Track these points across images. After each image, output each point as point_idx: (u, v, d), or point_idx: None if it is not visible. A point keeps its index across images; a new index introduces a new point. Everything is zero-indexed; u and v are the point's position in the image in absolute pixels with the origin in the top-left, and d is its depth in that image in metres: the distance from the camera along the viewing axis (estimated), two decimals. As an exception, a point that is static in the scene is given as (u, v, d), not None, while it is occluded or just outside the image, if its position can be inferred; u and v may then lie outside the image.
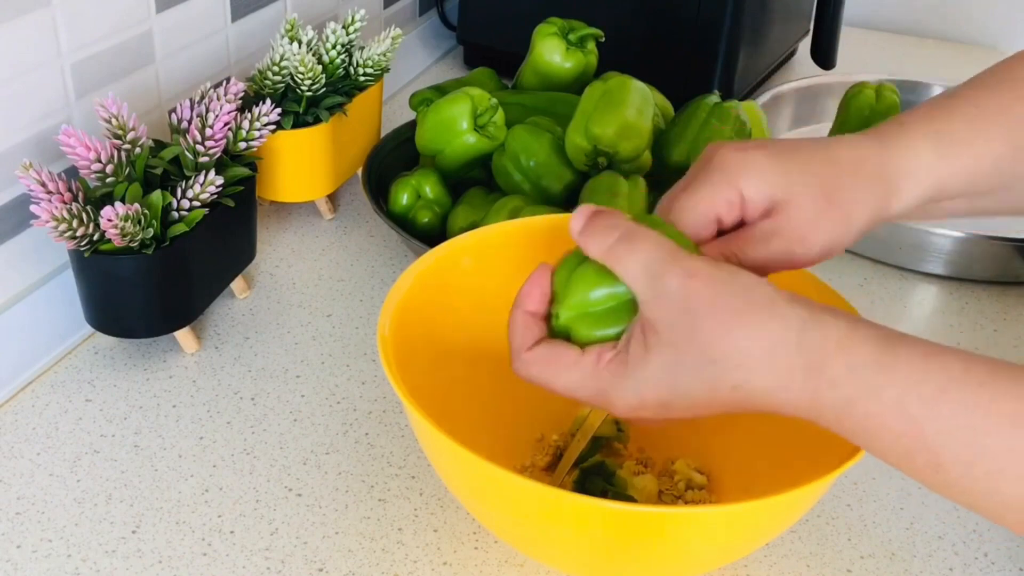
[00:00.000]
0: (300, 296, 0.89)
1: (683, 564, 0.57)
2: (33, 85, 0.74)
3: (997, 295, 0.94)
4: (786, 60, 1.38)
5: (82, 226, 0.71)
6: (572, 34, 0.99)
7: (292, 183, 0.95)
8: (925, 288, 0.95)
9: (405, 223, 0.90)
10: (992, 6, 1.55)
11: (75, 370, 0.79)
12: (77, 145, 0.72)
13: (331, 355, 0.82)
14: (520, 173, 0.88)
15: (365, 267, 0.94)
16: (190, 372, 0.79)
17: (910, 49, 1.52)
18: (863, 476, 0.72)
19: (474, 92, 0.90)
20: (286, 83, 0.91)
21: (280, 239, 0.97)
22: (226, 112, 0.78)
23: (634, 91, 0.87)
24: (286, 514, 0.67)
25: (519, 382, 0.58)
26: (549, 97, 0.97)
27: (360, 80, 0.96)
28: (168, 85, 0.88)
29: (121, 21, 0.81)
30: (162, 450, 0.72)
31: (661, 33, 1.18)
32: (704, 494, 0.67)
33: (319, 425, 0.75)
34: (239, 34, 0.96)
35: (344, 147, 0.97)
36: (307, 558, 0.64)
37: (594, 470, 0.67)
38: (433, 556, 0.65)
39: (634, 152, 0.85)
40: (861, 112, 1.05)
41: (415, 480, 0.70)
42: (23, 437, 0.72)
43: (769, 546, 0.66)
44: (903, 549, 0.67)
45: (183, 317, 0.80)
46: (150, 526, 0.66)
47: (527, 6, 1.18)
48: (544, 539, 0.57)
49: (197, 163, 0.78)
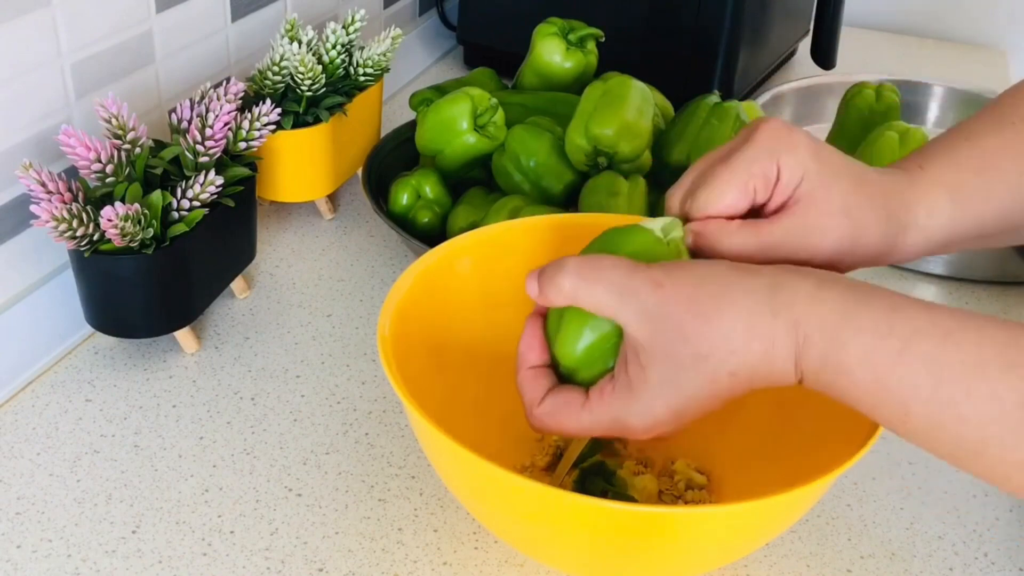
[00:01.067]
0: (300, 296, 0.89)
1: (683, 564, 0.57)
2: (33, 85, 0.74)
3: (997, 295, 0.94)
4: (786, 60, 1.38)
5: (82, 226, 0.71)
6: (572, 34, 0.99)
7: (292, 183, 0.95)
8: (925, 288, 0.95)
9: (405, 223, 0.90)
10: (992, 6, 1.55)
11: (75, 370, 0.79)
12: (77, 145, 0.72)
13: (331, 355, 0.82)
14: (520, 173, 0.88)
15: (365, 267, 0.94)
16: (190, 372, 0.79)
17: (910, 49, 1.52)
18: (863, 476, 0.72)
19: (474, 92, 0.90)
20: (286, 83, 0.91)
21: (280, 239, 0.97)
22: (226, 112, 0.78)
23: (634, 91, 0.87)
24: (286, 514, 0.67)
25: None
26: (549, 97, 0.97)
27: (360, 80, 0.96)
28: (168, 85, 0.88)
29: (121, 21, 0.81)
30: (162, 450, 0.72)
31: (661, 33, 1.18)
32: (704, 494, 0.67)
33: (319, 425, 0.75)
34: (239, 34, 0.96)
35: (344, 147, 0.97)
36: (307, 558, 0.64)
37: (594, 470, 0.67)
38: (433, 556, 0.65)
39: (634, 152, 0.85)
40: (861, 112, 1.05)
41: (415, 480, 0.70)
42: (23, 437, 0.72)
43: (769, 546, 0.66)
44: (903, 549, 0.67)
45: (183, 317, 0.80)
46: (150, 526, 0.66)
47: (527, 6, 1.18)
48: (544, 539, 0.57)
49: (197, 163, 0.78)
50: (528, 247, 0.69)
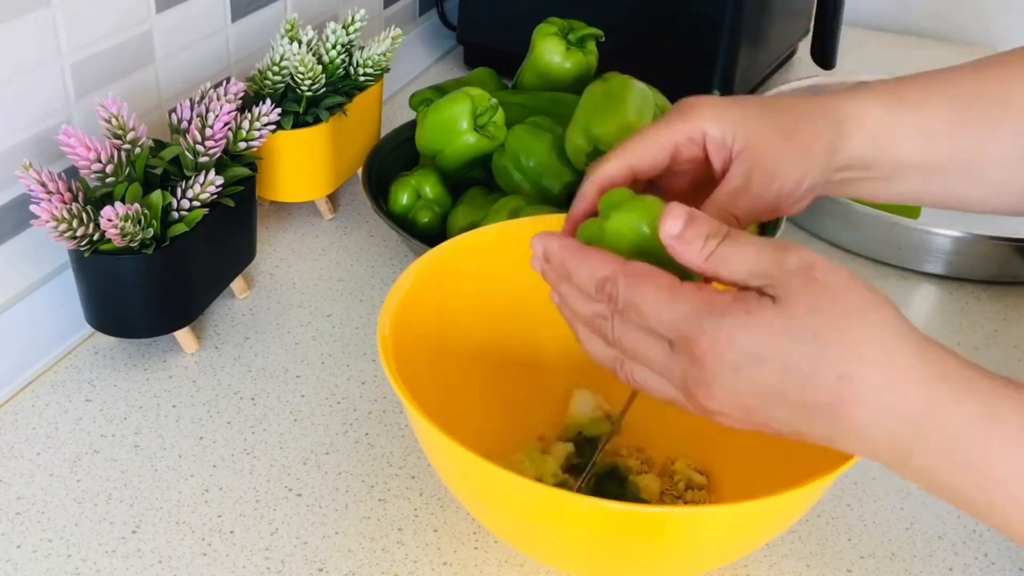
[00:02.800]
0: (300, 296, 0.89)
1: (683, 564, 0.57)
2: (33, 85, 0.74)
3: (997, 295, 0.94)
4: (786, 60, 1.38)
5: (82, 226, 0.71)
6: (572, 34, 0.99)
7: (292, 183, 0.95)
8: (925, 288, 0.95)
9: (405, 223, 0.90)
10: (992, 6, 1.55)
11: (75, 370, 0.79)
12: (77, 145, 0.72)
13: (331, 355, 0.82)
14: (520, 173, 0.88)
15: (365, 267, 0.94)
16: (190, 372, 0.79)
17: (910, 49, 1.52)
18: (863, 476, 0.72)
19: (474, 92, 0.90)
20: (286, 83, 0.91)
21: (280, 239, 0.97)
22: (226, 112, 0.78)
23: (634, 91, 0.87)
24: (286, 514, 0.67)
25: (519, 382, 0.58)
26: (549, 97, 0.97)
27: (360, 80, 0.96)
28: (168, 85, 0.88)
29: (121, 21, 0.81)
30: (162, 450, 0.72)
31: (661, 33, 1.18)
32: (704, 494, 0.67)
33: (319, 425, 0.75)
34: (239, 34, 0.96)
35: (344, 147, 0.97)
36: (307, 558, 0.64)
37: (607, 475, 0.67)
38: (433, 556, 0.65)
39: (634, 152, 0.85)
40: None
41: (415, 480, 0.70)
42: (23, 437, 0.72)
43: (769, 546, 0.66)
44: (903, 549, 0.67)
45: (183, 317, 0.80)
46: (150, 526, 0.66)
47: (527, 6, 1.18)
48: (544, 539, 0.57)
49: (197, 163, 0.78)
50: (528, 247, 0.68)
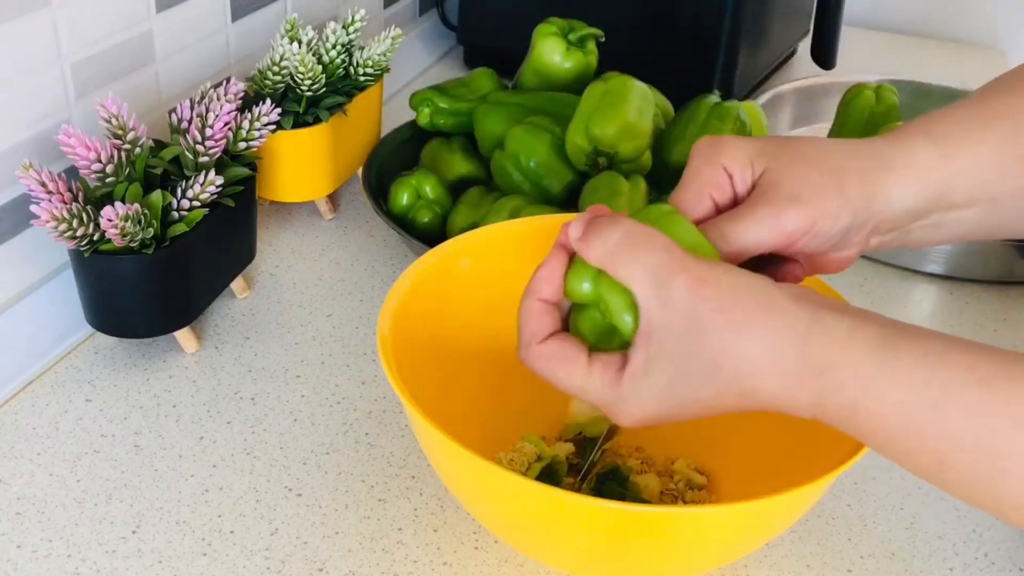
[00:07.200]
0: (300, 296, 0.89)
1: (683, 564, 0.57)
2: (33, 85, 0.74)
3: (997, 295, 0.94)
4: (786, 60, 1.38)
5: (82, 226, 0.71)
6: (572, 34, 0.99)
7: (292, 183, 0.95)
8: (925, 288, 0.95)
9: (405, 223, 0.90)
10: (992, 6, 1.55)
11: (75, 370, 0.79)
12: (77, 145, 0.72)
13: (331, 355, 0.82)
14: (520, 173, 0.88)
15: (365, 267, 0.94)
16: (190, 372, 0.79)
17: (910, 49, 1.52)
18: (863, 476, 0.72)
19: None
20: (286, 83, 0.91)
21: (280, 239, 0.97)
22: (226, 112, 0.78)
23: (634, 91, 0.87)
24: (286, 514, 0.67)
25: (519, 382, 0.58)
26: (549, 97, 0.97)
27: (360, 80, 0.96)
28: (168, 85, 0.88)
29: (121, 21, 0.81)
30: (162, 450, 0.72)
31: (661, 33, 1.18)
32: (704, 494, 0.67)
33: (319, 425, 0.75)
34: (239, 34, 0.96)
35: (344, 147, 0.97)
36: (307, 558, 0.64)
37: (608, 475, 0.67)
38: (433, 556, 0.65)
39: (634, 152, 0.85)
40: (861, 114, 1.05)
41: (415, 480, 0.70)
42: (23, 437, 0.72)
43: (769, 546, 0.66)
44: (903, 549, 0.67)
45: (183, 317, 0.80)
46: (150, 526, 0.66)
47: (527, 6, 1.18)
48: (544, 539, 0.57)
49: (197, 163, 0.78)
50: (528, 247, 0.68)
